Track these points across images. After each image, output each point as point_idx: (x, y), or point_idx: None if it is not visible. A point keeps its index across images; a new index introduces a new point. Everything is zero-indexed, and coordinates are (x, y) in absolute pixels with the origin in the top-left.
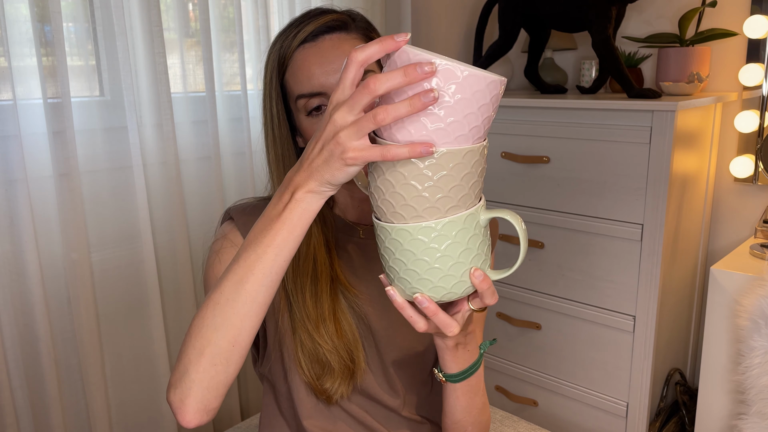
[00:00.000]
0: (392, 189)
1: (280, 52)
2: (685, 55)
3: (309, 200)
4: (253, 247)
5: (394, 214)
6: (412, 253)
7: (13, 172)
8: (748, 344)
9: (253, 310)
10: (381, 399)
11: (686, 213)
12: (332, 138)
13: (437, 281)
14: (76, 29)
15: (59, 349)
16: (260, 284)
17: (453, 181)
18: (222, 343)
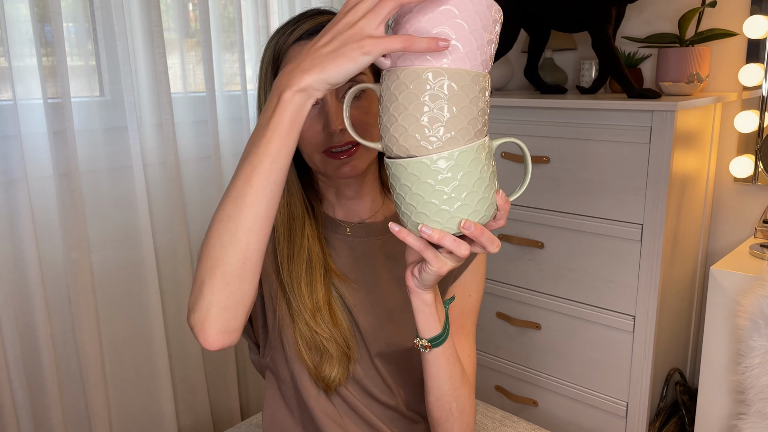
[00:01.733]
0: (405, 112)
1: (275, 48)
2: (685, 55)
3: (298, 101)
4: (248, 159)
5: (407, 138)
6: (429, 185)
7: (13, 172)
8: (747, 344)
9: (257, 224)
10: (373, 392)
11: (686, 213)
12: (349, 27)
13: (454, 210)
14: (76, 29)
15: (59, 349)
16: (260, 195)
17: (462, 101)
18: (232, 260)
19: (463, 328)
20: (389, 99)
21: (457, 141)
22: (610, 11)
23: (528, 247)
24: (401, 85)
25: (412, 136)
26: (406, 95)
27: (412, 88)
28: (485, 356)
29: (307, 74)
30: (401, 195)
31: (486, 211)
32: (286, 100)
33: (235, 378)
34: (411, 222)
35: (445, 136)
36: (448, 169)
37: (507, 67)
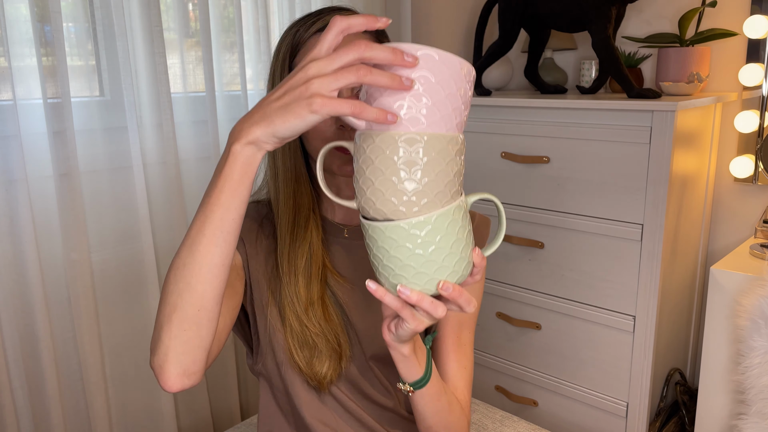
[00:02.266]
0: (382, 176)
1: (295, 37)
2: (685, 55)
3: (247, 152)
4: (201, 208)
5: (384, 202)
6: (407, 248)
7: (13, 172)
8: (748, 344)
9: (212, 273)
10: (371, 395)
11: (686, 213)
12: (302, 84)
13: (433, 272)
14: (76, 29)
15: (59, 349)
16: (213, 245)
17: (439, 165)
18: (187, 307)
19: (459, 340)
20: (365, 162)
21: (435, 204)
22: (610, 11)
23: (528, 247)
24: (377, 149)
25: (390, 201)
26: (383, 160)
27: (388, 153)
28: (485, 356)
29: (256, 127)
30: (378, 257)
31: (464, 270)
32: (236, 152)
33: (235, 378)
34: (389, 283)
35: (422, 200)
36: (427, 234)
37: (507, 67)
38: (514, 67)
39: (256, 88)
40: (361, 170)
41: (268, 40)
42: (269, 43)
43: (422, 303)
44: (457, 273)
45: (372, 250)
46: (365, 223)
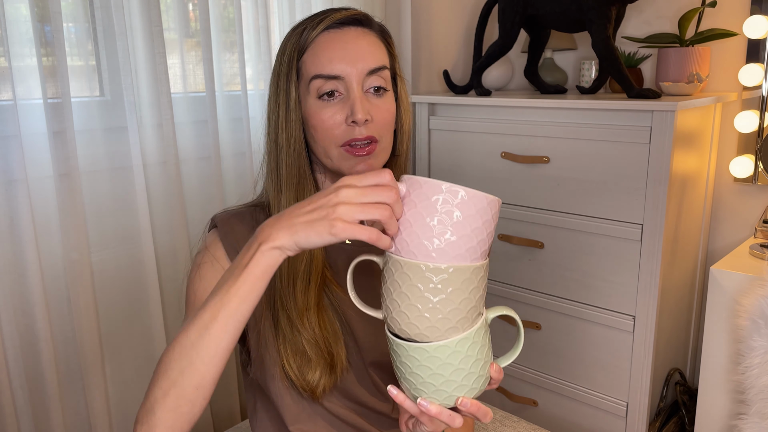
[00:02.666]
0: (408, 301)
1: (302, 35)
2: (685, 55)
3: (273, 255)
4: (219, 294)
5: (408, 325)
6: (428, 368)
7: (13, 172)
8: (747, 344)
9: (218, 356)
10: (367, 402)
11: (686, 213)
12: (331, 206)
13: (452, 390)
14: (76, 29)
15: (59, 350)
16: (224, 331)
17: (462, 294)
18: (186, 386)
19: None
20: (392, 284)
21: (457, 330)
22: (610, 11)
23: (528, 247)
24: (404, 276)
25: (414, 324)
26: (409, 287)
27: (414, 281)
28: None
29: (282, 233)
30: (401, 369)
31: (481, 386)
32: (263, 251)
33: (235, 378)
34: (409, 393)
35: (445, 327)
36: (448, 357)
37: (507, 67)
38: (514, 67)
39: (256, 88)
40: (388, 290)
41: (268, 40)
42: (269, 43)
43: (441, 416)
44: (475, 390)
45: (395, 361)
46: (390, 337)
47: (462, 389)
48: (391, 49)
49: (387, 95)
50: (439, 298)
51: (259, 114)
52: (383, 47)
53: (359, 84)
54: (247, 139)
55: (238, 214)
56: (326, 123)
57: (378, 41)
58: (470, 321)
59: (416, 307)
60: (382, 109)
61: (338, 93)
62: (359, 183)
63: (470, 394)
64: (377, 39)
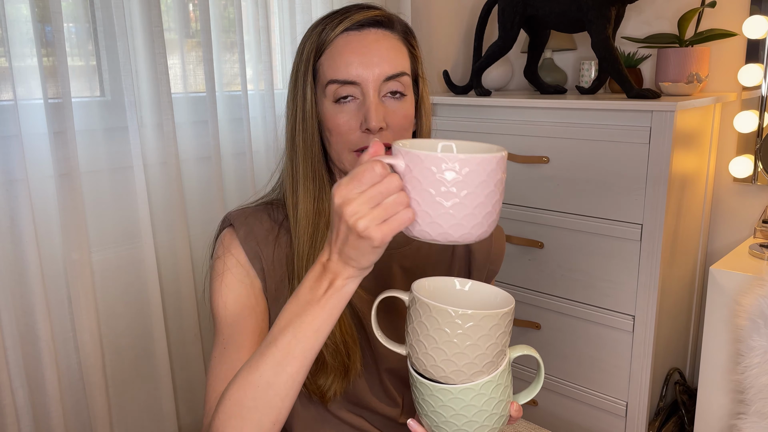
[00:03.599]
0: (435, 344)
1: (321, 35)
2: (685, 56)
3: (349, 285)
4: (291, 331)
5: (434, 367)
6: (452, 408)
7: (13, 172)
8: (747, 344)
9: (293, 389)
10: (376, 407)
11: (686, 213)
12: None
13: (473, 431)
14: (77, 29)
15: (59, 349)
16: (302, 366)
17: (489, 340)
18: (265, 422)
19: None
20: (419, 325)
21: (482, 373)
22: (609, 11)
23: (528, 247)
24: (432, 319)
25: (440, 368)
26: (437, 331)
27: (442, 325)
28: None
29: (348, 267)
30: (423, 406)
31: (501, 425)
32: (338, 287)
33: None
34: (430, 430)
35: (471, 371)
36: (472, 399)
37: (507, 67)
38: (514, 67)
39: (256, 89)
40: (414, 331)
41: (269, 40)
42: (269, 43)
43: None
44: (495, 429)
45: (417, 398)
46: (414, 374)
47: (483, 429)
48: (414, 50)
49: (405, 99)
50: (467, 344)
51: (259, 114)
52: (404, 50)
53: (375, 90)
54: (247, 140)
55: (255, 213)
56: (341, 128)
57: (399, 44)
58: (495, 364)
59: (443, 351)
60: (399, 114)
61: (354, 97)
62: (355, 192)
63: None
64: (398, 42)
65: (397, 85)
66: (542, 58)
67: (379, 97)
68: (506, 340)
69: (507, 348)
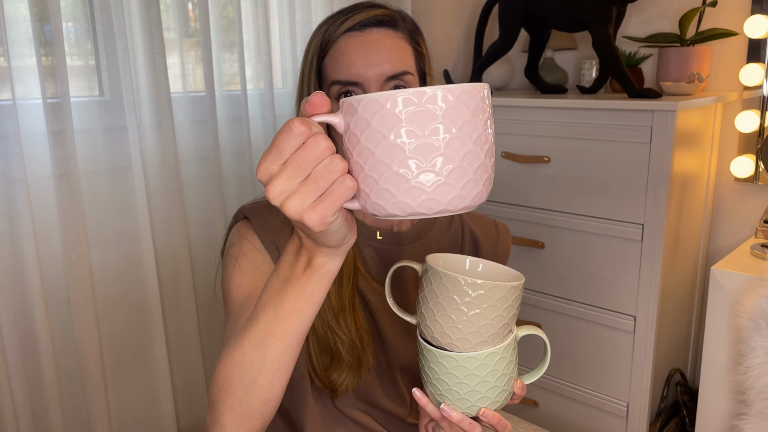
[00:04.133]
0: (443, 311)
1: (324, 36)
2: (686, 55)
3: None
4: (272, 309)
5: (441, 334)
6: (455, 376)
7: (12, 172)
8: (748, 344)
9: (281, 371)
10: (385, 405)
11: (687, 213)
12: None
13: (475, 401)
14: (76, 29)
15: (59, 349)
16: (287, 347)
17: (496, 311)
18: (254, 402)
19: None
20: (429, 293)
21: (487, 344)
22: (610, 11)
23: (528, 247)
24: (442, 286)
25: (446, 334)
26: (446, 298)
27: (451, 292)
28: None
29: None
30: (428, 374)
31: (504, 400)
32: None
33: None
34: (433, 398)
35: (477, 340)
36: (475, 368)
37: (507, 66)
38: (515, 66)
39: (255, 88)
40: (425, 298)
41: (268, 40)
42: (269, 43)
43: (462, 423)
44: (497, 403)
45: (423, 366)
46: (421, 342)
47: (485, 401)
48: (420, 48)
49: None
50: (473, 312)
51: (259, 113)
52: (408, 49)
53: (378, 90)
54: (246, 139)
55: (270, 206)
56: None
57: (403, 43)
58: (501, 337)
59: (450, 318)
60: None
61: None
62: (277, 164)
63: (492, 406)
64: (402, 40)
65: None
66: (543, 58)
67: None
68: (513, 314)
69: (514, 324)
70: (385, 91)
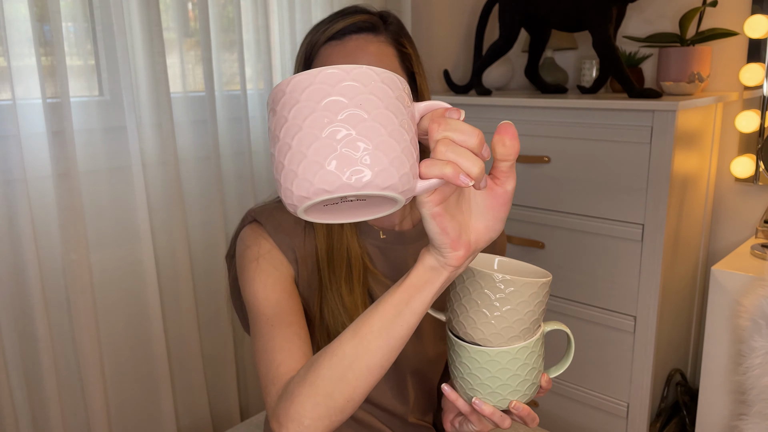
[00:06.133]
0: (476, 307)
1: (308, 47)
2: (686, 55)
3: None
4: (394, 312)
5: (474, 330)
6: (488, 371)
7: (12, 172)
8: (748, 344)
9: (372, 372)
10: (387, 405)
11: (687, 213)
12: None
13: (506, 394)
14: (76, 29)
15: (58, 350)
16: (390, 348)
17: (528, 306)
18: (338, 397)
19: None
20: (462, 290)
21: (518, 338)
22: (610, 11)
23: (528, 247)
24: (476, 283)
25: (479, 330)
26: (479, 294)
27: (485, 289)
28: None
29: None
30: (459, 369)
31: (533, 393)
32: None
33: (235, 378)
34: (464, 393)
35: (509, 335)
36: (507, 362)
37: (507, 66)
38: (515, 66)
39: (255, 88)
40: (457, 295)
41: (268, 40)
42: (269, 43)
43: (493, 416)
44: (526, 396)
45: (454, 362)
46: (453, 338)
47: (515, 394)
48: (405, 48)
49: None
50: (506, 307)
51: (259, 113)
52: (392, 51)
53: None
54: (246, 139)
55: (279, 207)
56: None
57: (385, 47)
58: (531, 332)
59: (484, 314)
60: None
61: None
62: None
63: (522, 399)
64: (384, 44)
65: None
66: (543, 58)
67: None
68: (542, 309)
69: (542, 319)
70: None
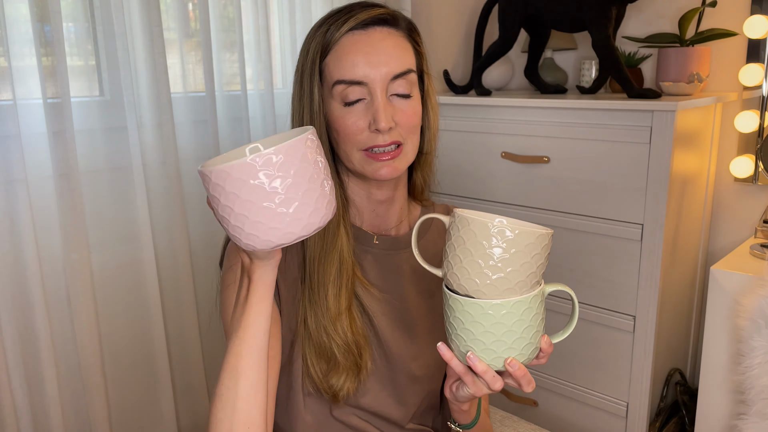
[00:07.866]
0: (470, 257)
1: (326, 35)
2: (685, 55)
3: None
4: (234, 332)
5: (468, 280)
6: (482, 325)
7: (12, 172)
8: (748, 344)
9: (255, 391)
10: (383, 412)
11: (686, 213)
12: None
13: (501, 351)
14: (76, 29)
15: (59, 350)
16: (253, 363)
17: (524, 258)
18: (238, 428)
19: None
20: (457, 240)
21: (514, 292)
22: (610, 11)
23: None
24: (470, 232)
25: (473, 280)
26: (474, 243)
27: (480, 237)
28: None
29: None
30: (453, 325)
31: (530, 354)
32: (254, 279)
33: None
34: (458, 350)
35: (504, 287)
36: (502, 316)
37: (507, 67)
38: (515, 67)
39: (256, 88)
40: (452, 246)
41: (268, 40)
42: (269, 43)
43: (485, 375)
44: (523, 356)
45: (448, 318)
46: (447, 292)
47: (511, 352)
48: (418, 47)
49: (412, 98)
50: (501, 256)
51: (259, 114)
52: (410, 47)
53: (383, 90)
54: (246, 139)
55: None
56: (349, 128)
57: (404, 42)
58: (528, 286)
59: (478, 263)
60: (408, 113)
61: (364, 99)
62: None
63: (519, 359)
64: (404, 39)
65: (403, 85)
66: (543, 58)
67: (387, 96)
68: (540, 264)
69: (541, 277)
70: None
